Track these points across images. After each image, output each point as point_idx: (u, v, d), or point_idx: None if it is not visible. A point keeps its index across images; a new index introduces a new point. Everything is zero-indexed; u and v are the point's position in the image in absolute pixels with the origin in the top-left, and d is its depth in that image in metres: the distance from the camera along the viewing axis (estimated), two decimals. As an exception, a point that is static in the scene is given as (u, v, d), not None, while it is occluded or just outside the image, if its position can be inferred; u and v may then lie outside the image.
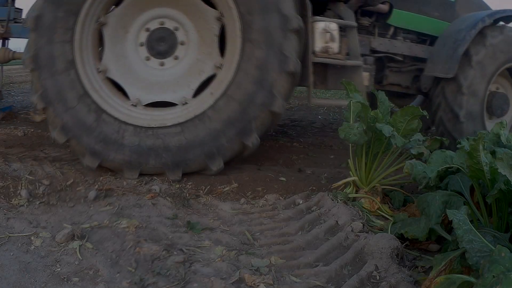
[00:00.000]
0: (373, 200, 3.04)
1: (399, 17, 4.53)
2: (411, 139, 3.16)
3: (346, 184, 3.23)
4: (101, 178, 3.31)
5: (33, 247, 2.36)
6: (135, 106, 3.56)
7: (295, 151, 4.80)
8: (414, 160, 2.86)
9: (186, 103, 3.58)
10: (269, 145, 5.03)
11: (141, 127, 3.42)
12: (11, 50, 5.08)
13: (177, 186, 3.36)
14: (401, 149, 3.13)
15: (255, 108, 3.33)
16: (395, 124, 3.04)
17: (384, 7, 4.46)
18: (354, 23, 3.89)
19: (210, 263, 2.26)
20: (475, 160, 2.30)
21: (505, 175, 2.05)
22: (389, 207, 3.10)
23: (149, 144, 3.37)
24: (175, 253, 2.33)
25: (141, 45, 3.68)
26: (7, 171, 3.27)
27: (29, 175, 3.23)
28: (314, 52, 3.66)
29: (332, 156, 4.71)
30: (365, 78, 3.91)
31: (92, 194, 3.04)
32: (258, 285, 2.07)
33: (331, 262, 2.32)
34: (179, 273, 2.13)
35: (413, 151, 3.13)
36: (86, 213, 2.83)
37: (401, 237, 2.53)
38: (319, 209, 2.99)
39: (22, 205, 2.89)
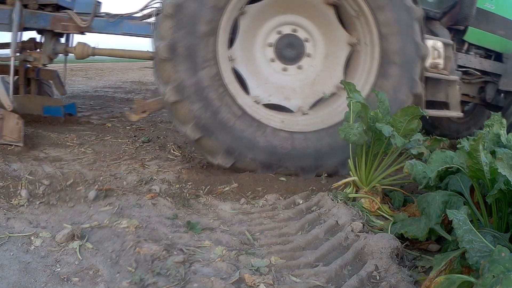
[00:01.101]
0: (373, 200, 3.04)
1: (473, 35, 4.91)
2: (411, 139, 3.15)
3: (346, 184, 3.23)
4: (101, 178, 3.31)
5: (33, 247, 2.36)
6: (258, 104, 3.66)
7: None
8: (414, 160, 2.85)
9: (307, 113, 3.73)
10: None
11: (280, 130, 3.51)
12: (90, 46, 4.84)
13: (177, 186, 3.36)
14: (401, 149, 3.13)
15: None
16: (395, 124, 3.04)
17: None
18: (451, 41, 4.35)
19: (210, 263, 2.26)
20: (475, 160, 2.30)
21: (505, 175, 2.05)
22: (389, 207, 3.10)
23: (287, 146, 3.45)
24: (175, 253, 2.33)
25: (270, 45, 3.80)
26: (7, 171, 3.27)
27: (29, 175, 3.23)
28: (425, 68, 3.96)
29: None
30: (458, 91, 4.32)
31: (92, 194, 3.04)
32: (258, 285, 2.07)
33: (331, 262, 2.32)
34: (179, 273, 2.13)
35: (413, 151, 3.13)
36: (86, 213, 2.83)
37: (401, 237, 2.53)
38: (319, 209, 2.99)
39: (22, 205, 2.89)
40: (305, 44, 3.84)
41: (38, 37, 5.34)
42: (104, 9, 5.29)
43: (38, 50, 5.10)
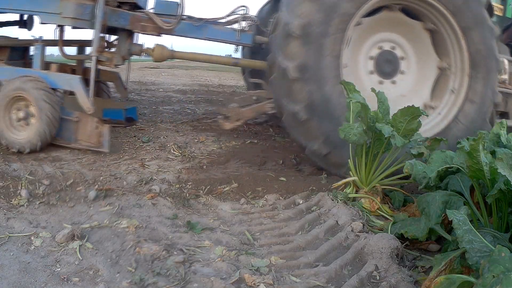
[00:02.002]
0: (373, 200, 3.04)
1: None
2: (411, 139, 3.15)
3: (346, 184, 3.23)
4: (101, 178, 3.31)
5: (33, 247, 2.36)
6: None
7: (295, 151, 4.80)
8: (414, 160, 2.86)
9: None
10: (269, 145, 5.03)
11: None
12: (169, 48, 4.79)
13: (177, 186, 3.37)
14: (401, 149, 3.13)
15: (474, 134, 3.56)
16: (395, 124, 3.04)
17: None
18: None
19: (210, 263, 2.26)
20: (475, 160, 2.30)
21: (505, 175, 2.05)
22: (389, 207, 3.10)
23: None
24: (175, 253, 2.33)
25: (371, 58, 4.11)
26: (7, 171, 3.27)
27: (29, 175, 3.23)
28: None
29: (332, 156, 4.71)
30: None
31: (92, 194, 3.05)
32: (258, 285, 2.07)
33: (331, 262, 2.32)
34: (179, 273, 2.13)
35: (413, 151, 3.13)
36: (86, 213, 2.83)
37: (401, 237, 2.53)
38: (319, 209, 2.99)
39: (22, 205, 2.89)
40: (401, 61, 4.18)
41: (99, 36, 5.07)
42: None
43: (110, 49, 4.91)
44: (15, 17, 5.81)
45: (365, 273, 2.19)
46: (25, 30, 5.71)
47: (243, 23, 4.70)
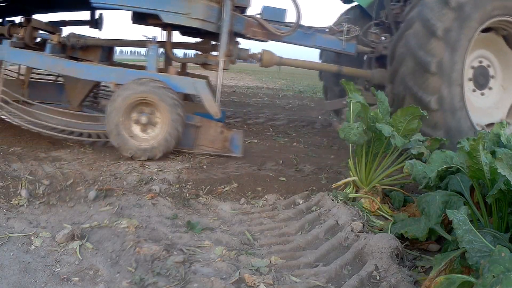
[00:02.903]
0: (373, 200, 3.04)
1: None
2: (411, 139, 3.15)
3: (346, 184, 3.23)
4: (101, 178, 3.31)
5: (33, 247, 2.36)
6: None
7: (295, 151, 4.80)
8: (414, 160, 2.86)
9: None
10: (269, 145, 5.03)
11: None
12: (277, 55, 4.85)
13: (177, 186, 3.36)
14: (401, 149, 3.13)
15: None
16: (395, 124, 3.04)
17: None
18: None
19: (210, 263, 2.26)
20: (475, 160, 2.30)
21: (505, 175, 2.05)
22: (389, 207, 3.10)
23: None
24: (175, 253, 2.33)
25: (472, 68, 4.71)
26: (7, 171, 3.27)
27: (29, 175, 3.23)
28: None
29: (332, 156, 4.72)
30: None
31: (92, 194, 3.04)
32: (258, 285, 2.07)
33: (331, 262, 2.32)
34: (179, 273, 2.13)
35: (413, 151, 3.13)
36: (86, 213, 2.83)
37: (401, 237, 2.53)
38: (319, 209, 2.99)
39: (22, 205, 2.89)
40: (491, 79, 4.88)
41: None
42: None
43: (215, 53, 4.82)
44: (86, 16, 5.82)
45: (365, 273, 2.19)
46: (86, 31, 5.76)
47: (346, 33, 5.00)
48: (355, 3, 6.08)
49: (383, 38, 5.46)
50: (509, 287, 1.46)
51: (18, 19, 5.91)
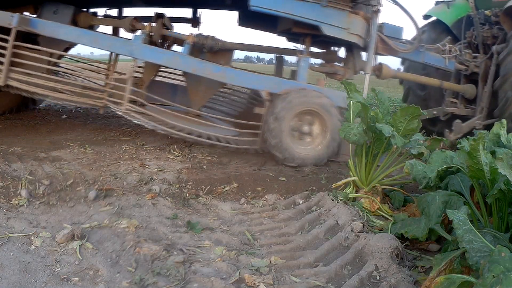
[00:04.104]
0: (373, 200, 3.04)
1: None
2: (411, 139, 3.15)
3: (346, 184, 3.23)
4: (101, 178, 3.31)
5: (33, 247, 2.36)
6: None
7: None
8: (414, 160, 2.86)
9: None
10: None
11: None
12: (392, 68, 5.13)
13: (177, 186, 3.36)
14: (401, 149, 3.13)
15: None
16: (395, 124, 3.04)
17: None
18: None
19: (210, 263, 2.26)
20: (475, 160, 2.30)
21: (505, 175, 2.05)
22: (389, 207, 3.10)
23: None
24: (175, 253, 2.33)
25: None
26: (7, 171, 3.27)
27: (29, 175, 3.23)
28: None
29: (332, 156, 4.71)
30: None
31: (92, 194, 3.04)
32: (258, 285, 2.07)
33: (331, 262, 2.32)
34: (179, 273, 2.13)
35: (413, 151, 3.13)
36: (86, 213, 2.83)
37: (401, 237, 2.53)
38: (319, 209, 2.99)
39: (22, 205, 2.89)
40: None
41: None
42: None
43: (340, 64, 5.17)
44: (188, 13, 5.71)
45: (365, 273, 2.19)
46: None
47: (447, 51, 5.41)
48: (433, 18, 6.47)
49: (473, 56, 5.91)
50: (509, 287, 1.46)
51: (130, 12, 5.68)
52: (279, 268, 2.27)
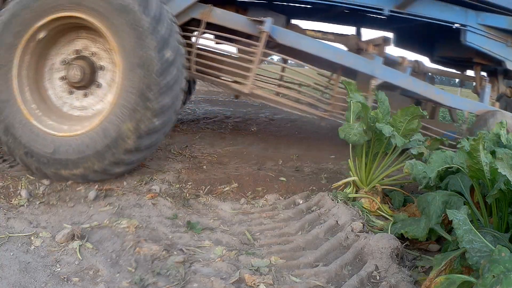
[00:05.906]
0: (373, 200, 3.04)
1: None
2: (411, 139, 3.15)
3: (346, 184, 3.23)
4: (101, 178, 3.31)
5: (33, 247, 2.36)
6: None
7: (295, 151, 4.80)
8: (414, 160, 2.86)
9: None
10: (269, 145, 5.03)
11: None
12: None
13: (177, 186, 3.36)
14: (401, 149, 3.13)
15: None
16: (395, 124, 3.05)
17: None
18: None
19: (210, 263, 2.26)
20: (475, 160, 2.30)
21: (505, 175, 2.05)
22: (389, 207, 3.10)
23: None
24: (175, 253, 2.33)
25: None
26: (7, 171, 3.27)
27: (29, 175, 3.23)
28: None
29: (332, 156, 4.71)
30: None
31: (92, 194, 3.04)
32: (258, 285, 2.07)
33: (331, 262, 2.32)
34: (179, 273, 2.13)
35: (413, 151, 3.13)
36: (86, 213, 2.82)
37: (401, 237, 2.53)
38: (319, 209, 2.99)
39: (22, 205, 2.89)
40: None
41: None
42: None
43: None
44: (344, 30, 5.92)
45: (365, 273, 2.19)
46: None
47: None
48: None
49: None
50: (509, 287, 1.46)
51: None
52: (279, 268, 2.27)
